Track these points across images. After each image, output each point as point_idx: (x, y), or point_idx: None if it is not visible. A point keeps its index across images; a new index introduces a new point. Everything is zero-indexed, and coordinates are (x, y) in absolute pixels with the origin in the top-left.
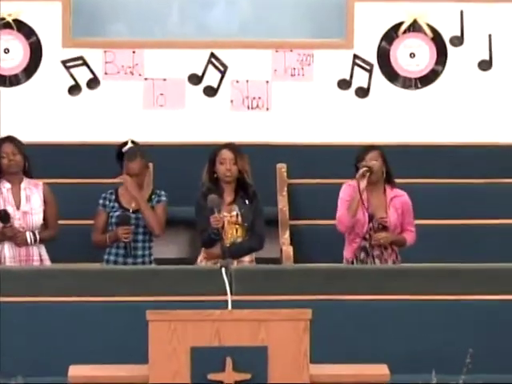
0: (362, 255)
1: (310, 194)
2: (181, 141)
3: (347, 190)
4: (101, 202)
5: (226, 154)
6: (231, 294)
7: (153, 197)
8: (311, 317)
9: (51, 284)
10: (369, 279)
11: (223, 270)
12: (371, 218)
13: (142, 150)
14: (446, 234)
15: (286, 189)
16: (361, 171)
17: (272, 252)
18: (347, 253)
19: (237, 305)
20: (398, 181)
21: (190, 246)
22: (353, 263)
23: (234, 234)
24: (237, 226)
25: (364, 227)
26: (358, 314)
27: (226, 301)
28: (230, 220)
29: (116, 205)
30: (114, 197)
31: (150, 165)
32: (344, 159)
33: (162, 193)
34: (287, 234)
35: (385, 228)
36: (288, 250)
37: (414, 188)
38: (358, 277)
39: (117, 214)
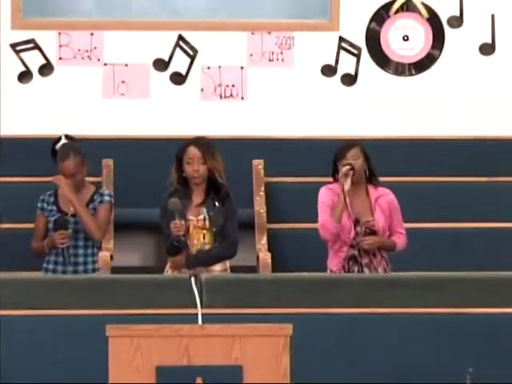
0: (351, 264)
1: (290, 193)
2: (145, 134)
3: (327, 193)
4: (39, 205)
5: (193, 152)
6: (201, 306)
7: (95, 197)
8: (291, 332)
9: None
10: (356, 290)
11: (193, 279)
12: (356, 222)
13: (77, 147)
14: (441, 239)
15: (263, 188)
16: (343, 170)
17: (248, 259)
18: (332, 264)
19: (208, 319)
20: (386, 179)
21: (156, 254)
22: None
23: (200, 240)
24: (204, 231)
25: (350, 234)
26: (343, 328)
27: (196, 314)
28: (196, 224)
29: (54, 208)
30: (52, 199)
31: (110, 161)
32: (329, 155)
33: (106, 192)
34: (265, 240)
35: (373, 233)
36: (265, 257)
37: (403, 187)
38: (344, 287)
39: (54, 218)
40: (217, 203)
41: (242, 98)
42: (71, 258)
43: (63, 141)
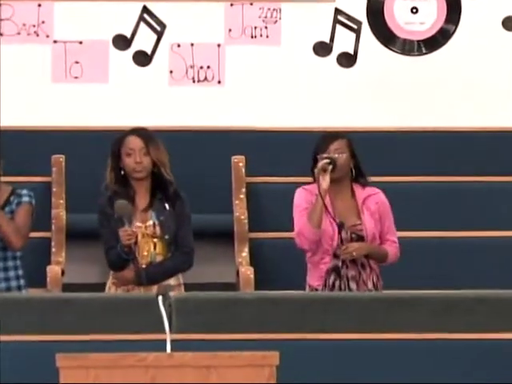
0: (332, 278)
1: (276, 196)
2: (102, 125)
3: (303, 195)
4: None
5: (134, 142)
6: (170, 331)
7: (11, 198)
8: (278, 362)
9: None
10: (354, 312)
11: (160, 299)
12: (340, 227)
13: None
14: (444, 250)
15: (244, 190)
16: (320, 164)
17: (226, 275)
18: (312, 278)
19: (178, 346)
20: (387, 179)
21: (99, 267)
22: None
23: (151, 251)
24: (155, 240)
25: (333, 241)
26: (339, 357)
27: (164, 340)
28: (145, 232)
29: None
30: None
31: (61, 158)
32: None
33: (24, 192)
34: (246, 251)
35: (361, 239)
36: (247, 272)
37: (401, 187)
38: (340, 309)
39: None
40: (167, 205)
41: (219, 82)
42: None
43: None
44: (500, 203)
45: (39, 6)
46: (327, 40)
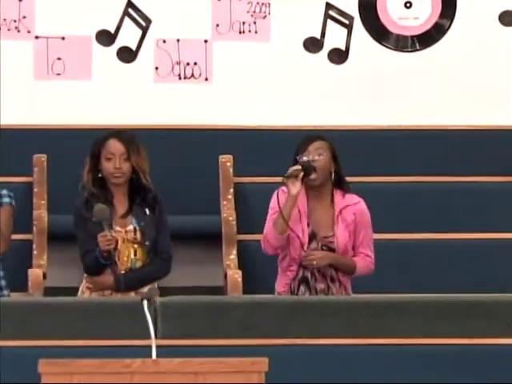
0: (302, 289)
1: (265, 196)
2: (85, 124)
3: (278, 197)
4: None
5: (115, 146)
6: (156, 336)
7: None
8: (267, 368)
9: None
10: (345, 316)
11: (145, 303)
12: (312, 237)
13: None
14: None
15: (232, 190)
16: (291, 169)
17: (213, 278)
18: (279, 284)
19: (164, 352)
20: (374, 179)
21: (80, 270)
22: None
23: (131, 257)
24: (135, 246)
25: (303, 250)
26: (330, 363)
27: (150, 346)
28: (125, 237)
29: None
30: None
31: (43, 157)
32: None
33: (4, 192)
34: (234, 254)
35: (331, 251)
36: (235, 275)
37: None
38: (331, 313)
39: None
40: (147, 210)
41: (206, 79)
42: None
43: None
44: (489, 204)
45: (20, 0)
46: (318, 36)
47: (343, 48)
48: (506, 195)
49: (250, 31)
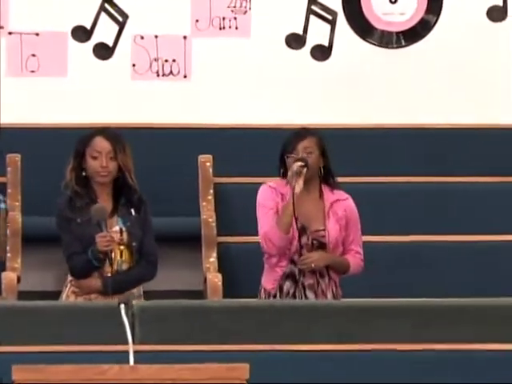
0: (288, 285)
1: (245, 197)
2: (61, 122)
3: (268, 194)
4: None
5: (101, 145)
6: (134, 342)
7: None
8: (248, 375)
9: None
10: (332, 321)
11: (122, 307)
12: (302, 231)
13: None
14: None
15: (211, 191)
16: (294, 168)
17: (192, 282)
18: (267, 281)
19: (142, 357)
20: (358, 180)
21: (58, 274)
22: (275, 297)
23: (117, 259)
24: (121, 247)
25: (292, 245)
26: (314, 370)
27: (127, 352)
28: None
29: None
30: None
31: (17, 157)
32: None
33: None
34: (214, 257)
35: (322, 246)
36: (215, 279)
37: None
38: (317, 318)
39: None
40: (132, 211)
41: (185, 77)
42: None
43: None
44: (479, 205)
45: None
46: (300, 31)
47: (326, 44)
48: (494, 195)
49: (230, 27)
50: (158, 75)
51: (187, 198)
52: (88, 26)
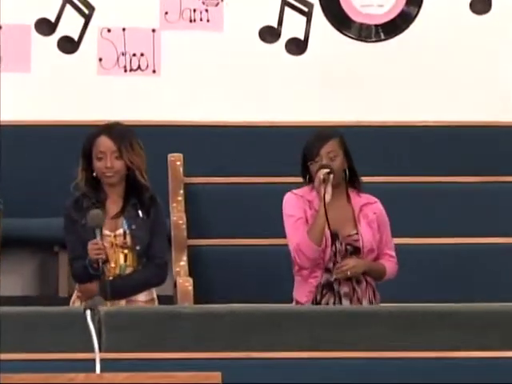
0: (327, 295)
1: (217, 198)
2: (25, 120)
3: (294, 202)
4: None
5: (105, 144)
6: (100, 349)
7: None
8: (221, 383)
9: None
10: (306, 328)
11: (88, 313)
12: (335, 238)
13: None
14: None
15: (182, 191)
16: (321, 176)
17: (162, 287)
18: (300, 294)
19: (109, 366)
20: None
21: (41, 279)
22: None
23: (120, 263)
24: (125, 251)
25: (326, 253)
26: (288, 378)
27: (93, 360)
28: (114, 242)
29: None
30: None
31: None
32: (273, 146)
33: None
34: (184, 260)
35: (356, 251)
36: (185, 283)
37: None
38: (290, 324)
39: None
40: (140, 212)
41: (154, 72)
42: None
43: None
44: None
45: None
46: (275, 24)
47: (302, 37)
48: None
49: (201, 19)
50: (126, 70)
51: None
52: (52, 19)
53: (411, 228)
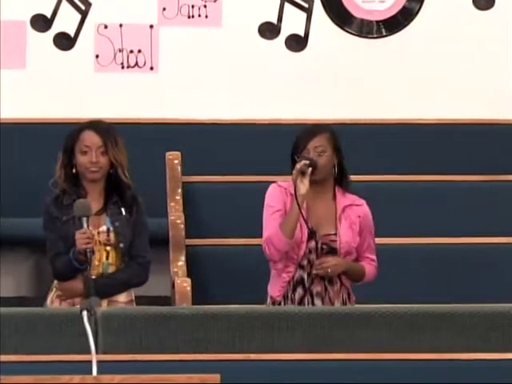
0: (299, 292)
1: (216, 198)
2: (19, 117)
3: (276, 192)
4: None
5: (91, 139)
6: (97, 351)
7: None
8: None
9: None
10: (305, 329)
11: (85, 314)
12: (312, 235)
13: None
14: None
15: (180, 191)
16: (298, 166)
17: (159, 287)
18: (273, 288)
19: (106, 367)
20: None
21: (34, 279)
22: (280, 304)
23: (103, 261)
24: (108, 248)
25: (301, 249)
26: (286, 379)
27: (90, 362)
28: (97, 239)
29: None
30: None
31: None
32: (270, 144)
33: None
34: (183, 260)
35: (332, 251)
36: (183, 284)
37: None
38: (289, 325)
39: None
40: (123, 210)
41: (152, 69)
42: None
43: None
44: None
45: None
46: (274, 20)
47: (302, 34)
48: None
49: (199, 15)
50: (123, 67)
51: (154, 198)
52: (48, 15)
53: (411, 228)
